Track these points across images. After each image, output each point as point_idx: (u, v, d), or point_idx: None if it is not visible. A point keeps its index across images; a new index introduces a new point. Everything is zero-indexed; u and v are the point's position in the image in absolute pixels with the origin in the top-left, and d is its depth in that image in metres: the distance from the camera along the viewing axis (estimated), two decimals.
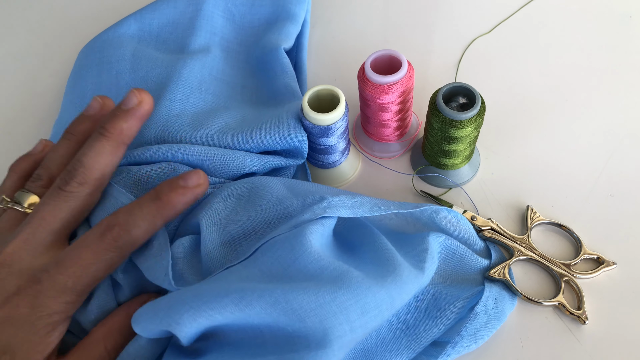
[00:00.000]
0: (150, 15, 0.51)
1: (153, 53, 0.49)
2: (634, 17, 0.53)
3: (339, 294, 0.30)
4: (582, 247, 0.39)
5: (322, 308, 0.29)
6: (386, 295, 0.32)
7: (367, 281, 0.31)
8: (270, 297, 0.29)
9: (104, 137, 0.35)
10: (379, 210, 0.35)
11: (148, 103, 0.37)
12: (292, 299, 0.29)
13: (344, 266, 0.32)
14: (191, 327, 0.29)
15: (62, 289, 0.31)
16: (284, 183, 0.38)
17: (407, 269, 0.34)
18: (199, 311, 0.29)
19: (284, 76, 0.47)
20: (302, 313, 0.29)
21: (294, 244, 0.32)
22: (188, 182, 0.35)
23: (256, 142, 0.40)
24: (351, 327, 0.30)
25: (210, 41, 0.50)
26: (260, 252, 0.33)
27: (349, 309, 0.30)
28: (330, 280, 0.31)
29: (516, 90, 0.49)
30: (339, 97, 0.39)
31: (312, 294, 0.30)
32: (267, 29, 0.52)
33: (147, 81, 0.46)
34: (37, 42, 0.58)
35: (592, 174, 0.44)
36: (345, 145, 0.43)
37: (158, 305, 0.30)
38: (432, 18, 0.56)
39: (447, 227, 0.39)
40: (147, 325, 0.30)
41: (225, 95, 0.47)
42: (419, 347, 0.35)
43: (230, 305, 0.29)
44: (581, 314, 0.37)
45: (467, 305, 0.36)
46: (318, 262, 0.32)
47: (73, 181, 0.34)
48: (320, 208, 0.34)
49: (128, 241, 0.33)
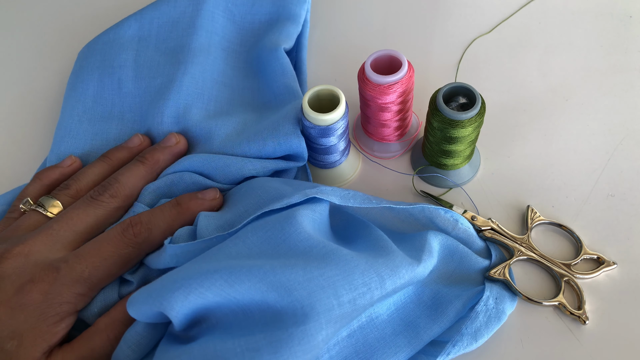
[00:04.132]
0: (150, 15, 0.51)
1: (155, 57, 0.49)
2: (634, 17, 0.53)
3: (327, 269, 0.31)
4: (582, 247, 0.39)
5: (309, 282, 0.30)
6: (375, 274, 0.32)
7: (355, 259, 0.32)
8: (258, 271, 0.30)
9: (142, 163, 0.41)
10: (371, 203, 0.36)
11: (183, 145, 0.43)
12: (280, 273, 0.30)
13: (333, 245, 0.33)
14: (182, 306, 0.29)
15: (78, 278, 0.33)
16: (282, 181, 0.39)
17: (401, 255, 0.34)
18: (189, 289, 0.29)
19: (284, 76, 0.47)
20: (289, 286, 0.30)
21: (284, 225, 0.33)
22: (206, 195, 0.39)
23: (255, 152, 0.41)
24: (339, 301, 0.30)
25: (211, 41, 0.50)
26: (251, 231, 0.33)
27: (337, 284, 0.30)
28: (318, 257, 0.32)
29: (516, 90, 0.49)
30: (339, 97, 0.39)
31: (300, 268, 0.30)
32: (267, 29, 0.52)
33: (150, 91, 0.47)
34: (38, 42, 0.58)
35: (592, 174, 0.44)
36: (345, 146, 0.43)
37: (151, 287, 0.30)
38: (432, 18, 0.56)
39: (446, 227, 0.39)
40: (141, 307, 0.30)
41: (226, 100, 0.48)
42: (419, 344, 0.35)
43: (219, 280, 0.29)
44: (581, 314, 0.37)
45: (467, 304, 0.37)
46: (307, 241, 0.32)
47: (106, 193, 0.38)
48: (312, 192, 0.35)
49: (147, 239, 0.36)
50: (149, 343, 0.33)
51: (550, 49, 0.52)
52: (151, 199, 0.40)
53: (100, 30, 0.57)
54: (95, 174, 0.41)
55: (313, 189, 0.35)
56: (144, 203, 0.39)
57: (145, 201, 0.39)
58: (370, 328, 0.35)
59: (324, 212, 0.36)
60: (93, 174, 0.41)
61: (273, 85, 0.48)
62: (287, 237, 0.33)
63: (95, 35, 0.55)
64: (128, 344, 0.32)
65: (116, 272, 0.35)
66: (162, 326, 0.33)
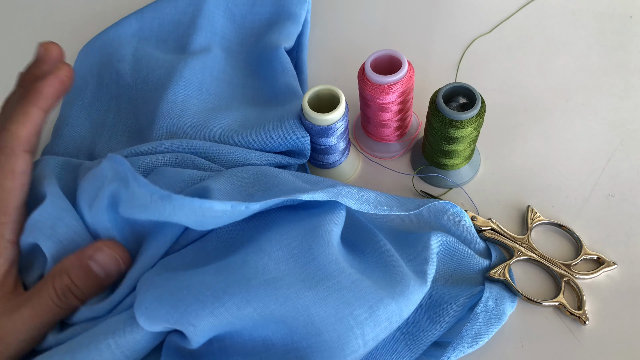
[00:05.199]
0: (151, 14, 0.51)
1: (154, 53, 0.49)
2: (634, 17, 0.53)
3: (356, 306, 0.30)
4: (582, 247, 0.39)
5: (340, 322, 0.29)
6: (396, 307, 0.32)
7: (379, 292, 0.31)
8: (293, 307, 0.29)
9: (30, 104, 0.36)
10: (383, 210, 0.35)
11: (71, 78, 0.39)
12: (313, 312, 0.29)
13: (356, 275, 0.32)
14: (209, 331, 0.28)
15: None
16: (291, 173, 0.38)
17: (413, 280, 0.34)
18: (218, 317, 0.28)
19: (284, 75, 0.47)
20: (321, 327, 0.29)
21: (311, 244, 0.32)
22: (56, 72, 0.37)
23: (259, 144, 0.41)
24: (364, 341, 0.30)
25: (211, 41, 0.50)
26: (275, 244, 0.32)
27: (364, 323, 0.30)
28: (347, 287, 0.31)
29: (516, 90, 0.49)
30: (339, 97, 0.39)
31: (332, 307, 0.30)
32: (267, 29, 0.52)
33: (148, 82, 0.46)
34: (37, 41, 0.58)
35: (592, 174, 0.44)
36: (345, 146, 0.42)
37: (170, 300, 0.28)
38: (433, 18, 0.56)
39: (450, 223, 0.39)
40: (158, 322, 0.29)
41: (226, 96, 0.47)
42: (419, 349, 0.35)
43: (252, 314, 0.29)
44: (581, 314, 0.37)
45: (466, 304, 0.36)
46: (335, 264, 0.32)
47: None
48: (333, 192, 0.33)
49: None
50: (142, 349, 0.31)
51: (550, 49, 0.52)
52: (145, 172, 0.38)
53: (101, 29, 0.57)
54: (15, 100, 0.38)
55: (333, 189, 0.34)
56: (139, 172, 0.37)
57: (140, 172, 0.37)
58: None
59: (342, 223, 0.35)
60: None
61: (274, 84, 0.48)
62: (316, 257, 0.32)
63: (95, 33, 0.55)
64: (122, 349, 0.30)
65: None
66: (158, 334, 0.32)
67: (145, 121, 0.45)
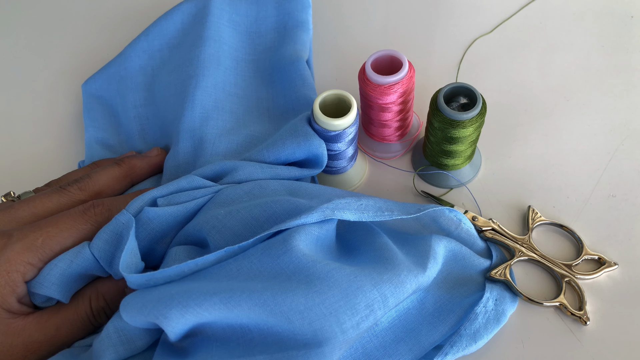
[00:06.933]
0: (159, 41, 0.51)
1: (167, 79, 0.48)
2: (635, 17, 0.53)
3: (329, 294, 0.30)
4: (583, 247, 0.39)
5: (310, 310, 0.29)
6: (378, 294, 0.31)
7: (359, 279, 0.31)
8: (259, 298, 0.29)
9: (118, 165, 0.41)
10: (383, 216, 0.35)
11: (162, 158, 0.44)
12: (281, 302, 0.29)
13: (334, 264, 0.32)
14: (179, 322, 0.29)
15: (30, 245, 0.33)
16: (285, 186, 0.38)
17: (407, 269, 0.34)
18: (187, 307, 0.29)
19: (304, 88, 0.47)
20: (290, 315, 0.29)
21: (285, 237, 0.32)
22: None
23: (274, 155, 0.40)
24: (341, 328, 0.30)
25: (219, 50, 0.49)
26: (251, 245, 0.33)
27: (339, 311, 0.30)
28: (320, 277, 0.31)
29: (517, 90, 0.49)
30: (350, 102, 0.38)
31: (302, 295, 0.30)
32: (278, 38, 0.51)
33: (167, 112, 0.47)
34: (38, 41, 0.58)
35: (593, 174, 0.43)
36: (353, 152, 0.42)
37: (146, 297, 0.30)
38: (433, 18, 0.56)
39: (449, 226, 0.39)
40: (135, 315, 0.30)
41: (242, 111, 0.47)
42: (420, 352, 0.35)
43: (218, 304, 0.29)
44: (582, 314, 0.37)
45: (469, 310, 0.36)
46: (309, 257, 0.32)
47: (75, 185, 0.38)
48: (329, 209, 0.34)
49: (107, 219, 0.35)
50: (141, 338, 0.32)
51: (551, 49, 0.52)
52: None
53: (101, 29, 0.57)
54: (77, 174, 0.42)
55: (329, 206, 0.34)
56: None
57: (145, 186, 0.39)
58: (370, 337, 0.35)
59: (331, 226, 0.35)
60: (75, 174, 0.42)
61: (292, 95, 0.47)
62: (288, 250, 0.32)
63: (95, 33, 0.55)
64: (119, 333, 0.31)
65: (69, 244, 0.34)
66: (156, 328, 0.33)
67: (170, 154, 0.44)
